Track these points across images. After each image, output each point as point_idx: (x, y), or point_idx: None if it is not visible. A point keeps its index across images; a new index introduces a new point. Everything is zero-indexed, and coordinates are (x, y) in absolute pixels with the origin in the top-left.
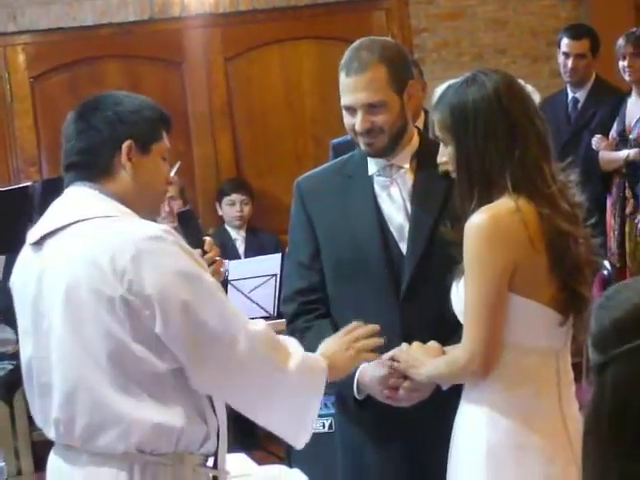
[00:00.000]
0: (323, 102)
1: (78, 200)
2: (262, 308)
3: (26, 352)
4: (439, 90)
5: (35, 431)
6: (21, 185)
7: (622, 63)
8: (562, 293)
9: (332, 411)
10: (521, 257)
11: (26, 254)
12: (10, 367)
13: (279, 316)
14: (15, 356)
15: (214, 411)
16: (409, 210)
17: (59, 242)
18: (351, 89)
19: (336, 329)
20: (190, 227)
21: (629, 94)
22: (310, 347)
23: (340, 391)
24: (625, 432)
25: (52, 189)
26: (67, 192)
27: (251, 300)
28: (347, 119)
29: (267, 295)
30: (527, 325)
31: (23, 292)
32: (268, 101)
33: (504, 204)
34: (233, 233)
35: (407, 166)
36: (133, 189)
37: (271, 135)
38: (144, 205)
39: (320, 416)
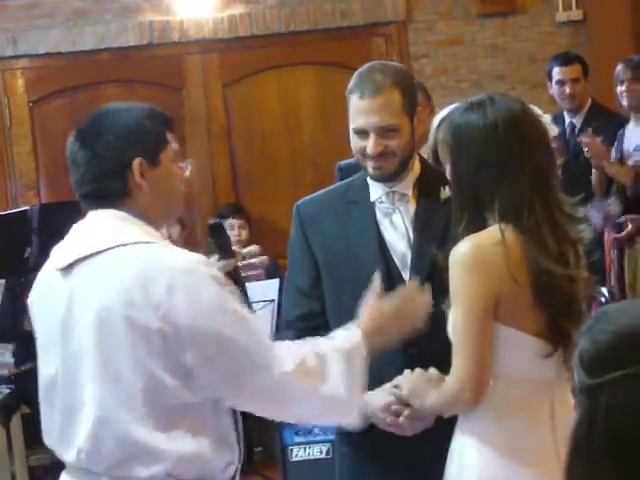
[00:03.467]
0: (322, 127)
1: (107, 225)
2: None
3: (48, 370)
4: (438, 117)
5: (32, 455)
6: (19, 210)
7: (620, 88)
8: (549, 327)
9: (330, 437)
10: (502, 289)
11: (51, 277)
12: (7, 391)
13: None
14: (12, 380)
15: (238, 438)
16: (411, 238)
17: (92, 268)
18: (365, 112)
19: None
20: (221, 238)
21: (627, 121)
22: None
23: None
24: (619, 459)
25: (50, 213)
26: (93, 216)
27: None
28: (356, 142)
29: (265, 319)
30: (514, 355)
31: (49, 314)
32: (267, 126)
33: (490, 234)
34: None
35: (410, 193)
36: (154, 202)
37: (269, 160)
38: (168, 212)
39: (317, 442)
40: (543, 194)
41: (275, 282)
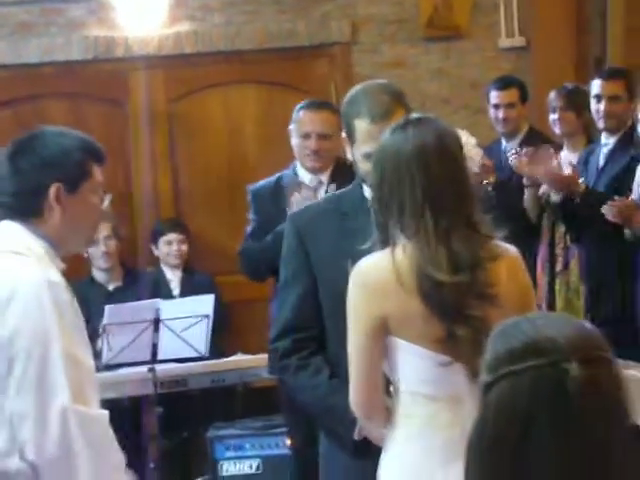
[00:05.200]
0: (265, 146)
1: (2, 233)
2: (194, 348)
3: None
4: None
5: None
6: None
7: (553, 116)
8: (445, 336)
9: (261, 453)
10: (392, 305)
11: None
12: None
13: (211, 356)
14: None
15: None
16: None
17: None
18: (378, 136)
19: (330, 366)
20: None
21: (561, 147)
22: (305, 385)
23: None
24: (504, 451)
25: None
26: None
27: (183, 340)
28: (365, 165)
29: (199, 335)
30: (412, 368)
31: None
32: (210, 144)
33: (385, 252)
34: (169, 273)
35: None
36: (64, 228)
37: (211, 178)
38: (77, 240)
39: (248, 457)
40: (437, 205)
41: (210, 297)
